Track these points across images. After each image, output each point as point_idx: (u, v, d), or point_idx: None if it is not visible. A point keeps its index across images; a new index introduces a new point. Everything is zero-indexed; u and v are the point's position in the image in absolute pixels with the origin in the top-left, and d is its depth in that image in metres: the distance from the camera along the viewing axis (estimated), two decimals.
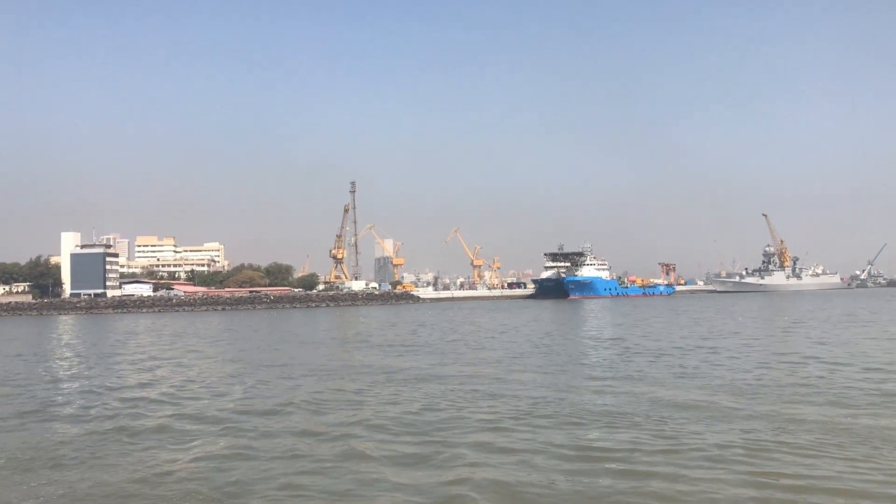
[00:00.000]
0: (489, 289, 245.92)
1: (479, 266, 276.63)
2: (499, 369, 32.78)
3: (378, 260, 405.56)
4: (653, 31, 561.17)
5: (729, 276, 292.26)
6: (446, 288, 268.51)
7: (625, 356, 37.96)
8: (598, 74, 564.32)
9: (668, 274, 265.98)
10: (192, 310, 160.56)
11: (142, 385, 30.02)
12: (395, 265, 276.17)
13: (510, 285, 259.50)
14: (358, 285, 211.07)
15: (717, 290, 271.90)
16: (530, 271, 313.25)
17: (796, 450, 15.54)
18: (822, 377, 27.49)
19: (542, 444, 16.64)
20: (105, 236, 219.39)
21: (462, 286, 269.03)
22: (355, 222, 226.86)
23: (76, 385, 30.94)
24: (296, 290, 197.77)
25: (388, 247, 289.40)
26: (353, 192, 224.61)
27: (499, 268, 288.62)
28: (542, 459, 15.27)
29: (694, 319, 78.30)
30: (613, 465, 14.60)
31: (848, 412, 20.03)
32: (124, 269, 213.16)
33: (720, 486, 12.97)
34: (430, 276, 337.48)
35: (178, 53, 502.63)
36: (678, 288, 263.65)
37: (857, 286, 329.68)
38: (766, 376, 28.15)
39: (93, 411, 23.42)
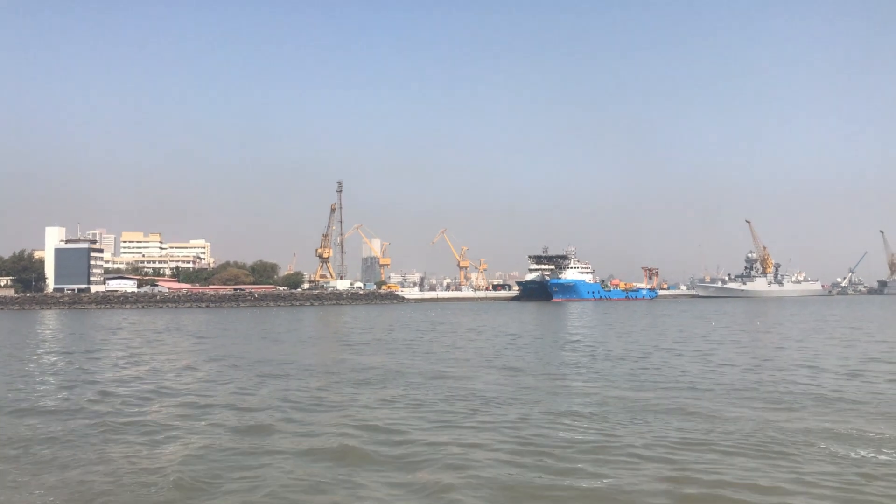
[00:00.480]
0: (475, 290, 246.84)
1: (466, 267, 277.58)
2: (464, 368, 33.54)
3: (365, 260, 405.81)
4: (638, 36, 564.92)
5: (712, 281, 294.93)
6: (433, 288, 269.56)
7: (590, 357, 38.84)
8: (585, 79, 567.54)
9: (650, 278, 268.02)
10: (176, 306, 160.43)
11: (116, 381, 30.41)
12: (382, 265, 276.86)
13: (495, 287, 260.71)
14: (343, 285, 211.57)
15: (700, 295, 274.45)
16: (517, 273, 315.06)
17: (717, 447, 16.36)
18: (772, 380, 28.40)
19: (480, 441, 17.36)
20: (91, 231, 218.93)
21: (448, 287, 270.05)
22: (341, 222, 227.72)
23: (50, 380, 31.35)
24: (280, 288, 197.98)
25: (375, 247, 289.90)
26: (339, 191, 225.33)
27: (485, 269, 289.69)
28: (477, 454, 16.00)
29: (669, 324, 79.49)
30: (541, 461, 15.33)
31: (784, 413, 20.91)
32: (109, 265, 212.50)
33: (634, 480, 13.80)
34: (416, 277, 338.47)
35: (166, 51, 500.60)
36: (661, 292, 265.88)
37: (838, 293, 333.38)
38: (721, 378, 29.02)
39: (66, 406, 23.75)
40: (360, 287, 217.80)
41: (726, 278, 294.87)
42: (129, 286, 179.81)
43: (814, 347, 45.07)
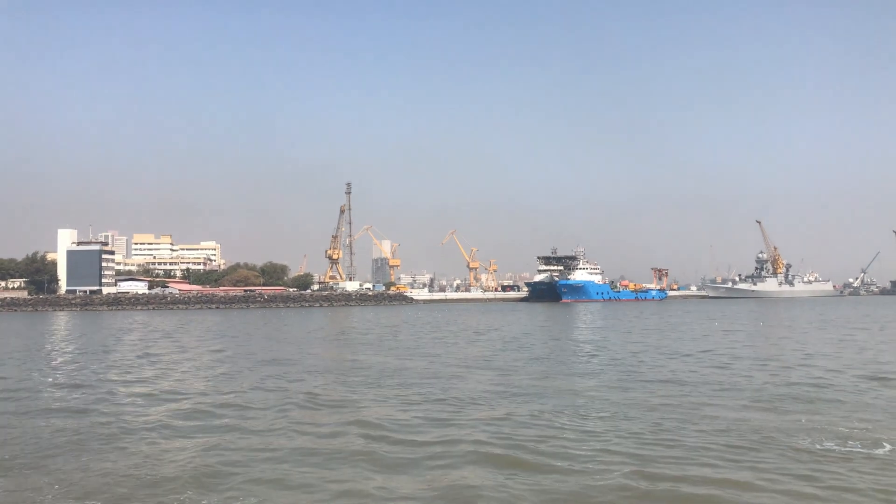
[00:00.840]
0: (483, 291, 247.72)
1: (476, 268, 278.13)
2: (460, 368, 34.37)
3: (375, 261, 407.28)
4: (648, 35, 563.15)
5: (723, 282, 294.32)
6: (442, 290, 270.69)
7: (586, 356, 39.57)
8: (595, 79, 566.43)
9: (660, 279, 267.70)
10: (187, 308, 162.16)
11: (126, 381, 31.24)
12: (392, 266, 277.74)
13: (504, 288, 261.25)
14: (352, 286, 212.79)
15: (710, 295, 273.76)
16: (527, 274, 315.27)
17: (682, 440, 17.21)
18: (757, 378, 28.91)
19: (459, 438, 18.11)
20: (103, 233, 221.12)
21: (458, 288, 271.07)
22: (350, 223, 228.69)
23: (62, 380, 32.23)
24: (290, 289, 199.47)
25: (385, 248, 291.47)
26: (348, 193, 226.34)
27: (495, 270, 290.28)
28: (454, 450, 16.86)
29: (673, 324, 79.94)
30: (513, 454, 16.16)
31: (761, 410, 21.57)
32: (121, 267, 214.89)
33: (597, 475, 14.61)
34: (426, 278, 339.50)
35: (176, 52, 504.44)
36: (670, 293, 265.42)
37: (850, 294, 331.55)
38: (709, 377, 29.56)
39: (77, 405, 24.45)
40: (369, 288, 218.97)
41: (737, 279, 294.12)
42: (140, 288, 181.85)
43: (808, 347, 45.57)
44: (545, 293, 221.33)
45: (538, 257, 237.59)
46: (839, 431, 18.32)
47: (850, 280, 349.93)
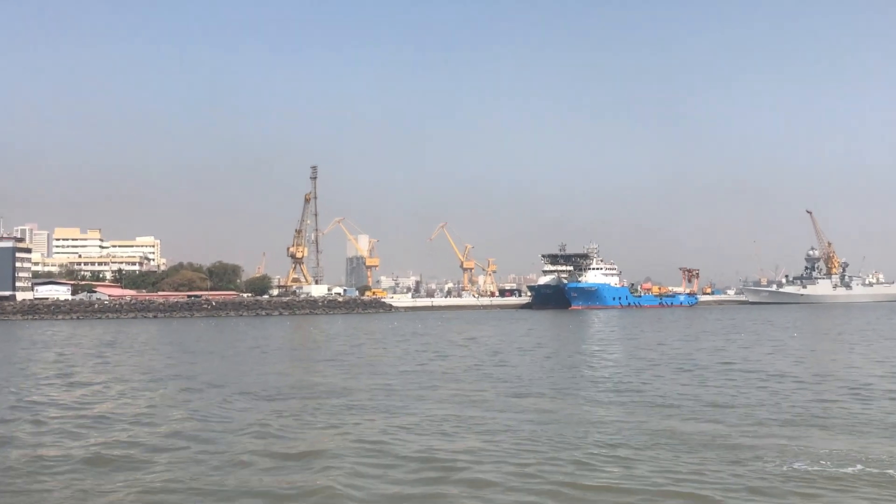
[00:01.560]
0: (478, 296, 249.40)
1: (471, 269, 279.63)
2: (421, 389, 37.20)
3: (350, 260, 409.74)
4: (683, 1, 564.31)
5: (768, 284, 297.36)
6: (430, 294, 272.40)
7: (571, 376, 42.45)
8: (611, 45, 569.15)
9: (690, 281, 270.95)
10: (119, 317, 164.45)
11: (48, 404, 33.38)
12: (370, 267, 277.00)
13: (503, 292, 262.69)
14: (318, 290, 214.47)
15: (750, 300, 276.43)
16: (532, 276, 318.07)
17: (618, 450, 20.58)
18: (746, 397, 31.94)
19: (395, 456, 21.00)
20: (17, 227, 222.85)
21: (450, 293, 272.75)
22: (317, 215, 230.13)
23: None
24: (244, 294, 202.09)
25: (361, 245, 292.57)
26: (314, 178, 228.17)
27: (494, 271, 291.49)
28: (377, 471, 19.74)
29: (692, 335, 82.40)
30: (449, 474, 18.98)
31: (717, 424, 24.76)
32: (39, 268, 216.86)
33: (527, 491, 17.53)
34: (411, 281, 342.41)
35: (112, 17, 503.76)
36: (703, 298, 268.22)
37: None
38: (701, 394, 32.68)
39: None
40: (339, 293, 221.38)
41: (783, 280, 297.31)
42: (61, 293, 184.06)
43: (827, 364, 48.69)
44: (551, 298, 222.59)
45: (543, 256, 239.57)
46: (780, 446, 21.56)
47: None
